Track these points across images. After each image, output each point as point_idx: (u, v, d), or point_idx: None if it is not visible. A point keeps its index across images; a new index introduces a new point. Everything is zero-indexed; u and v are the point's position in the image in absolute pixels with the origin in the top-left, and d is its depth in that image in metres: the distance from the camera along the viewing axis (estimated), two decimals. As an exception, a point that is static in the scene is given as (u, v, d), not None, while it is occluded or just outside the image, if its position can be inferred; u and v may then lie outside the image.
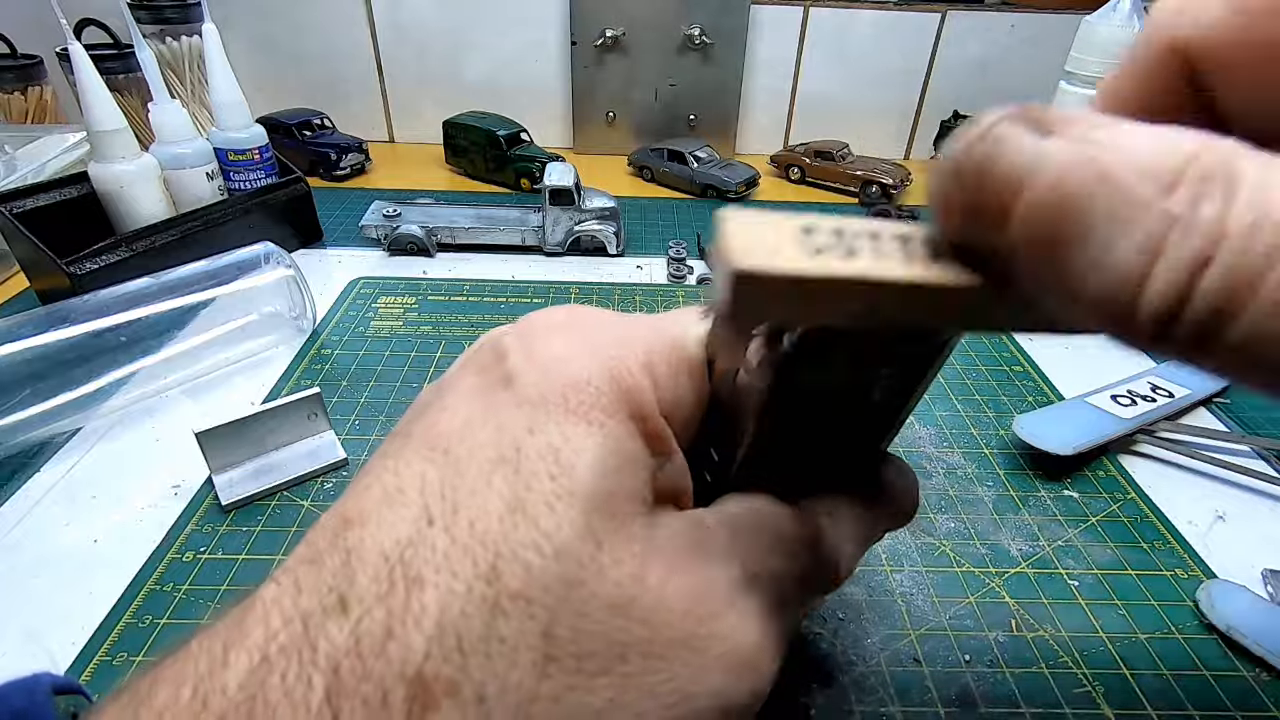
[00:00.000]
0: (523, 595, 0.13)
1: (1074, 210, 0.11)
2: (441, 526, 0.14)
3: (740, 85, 0.81)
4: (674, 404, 0.17)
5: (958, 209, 0.12)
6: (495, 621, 0.13)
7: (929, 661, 0.28)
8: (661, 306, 0.52)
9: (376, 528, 0.14)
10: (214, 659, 0.13)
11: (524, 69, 0.82)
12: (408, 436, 0.16)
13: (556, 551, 0.14)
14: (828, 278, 0.12)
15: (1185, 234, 0.10)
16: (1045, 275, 0.11)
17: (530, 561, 0.14)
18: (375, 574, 0.14)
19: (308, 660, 0.13)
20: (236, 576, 0.31)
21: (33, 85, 0.74)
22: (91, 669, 0.27)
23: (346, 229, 0.63)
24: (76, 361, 0.38)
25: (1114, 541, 0.34)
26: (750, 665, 0.15)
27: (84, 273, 0.45)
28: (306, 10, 0.79)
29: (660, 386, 0.17)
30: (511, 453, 0.15)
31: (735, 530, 0.17)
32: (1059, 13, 0.78)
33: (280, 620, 0.13)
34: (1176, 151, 0.10)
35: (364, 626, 0.13)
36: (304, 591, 0.14)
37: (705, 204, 0.71)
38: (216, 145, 0.56)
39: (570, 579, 0.14)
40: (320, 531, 0.15)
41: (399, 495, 0.15)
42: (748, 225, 0.13)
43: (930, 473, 0.38)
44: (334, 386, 0.43)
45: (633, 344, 0.17)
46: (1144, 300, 0.10)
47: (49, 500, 0.35)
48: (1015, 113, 0.12)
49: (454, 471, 0.15)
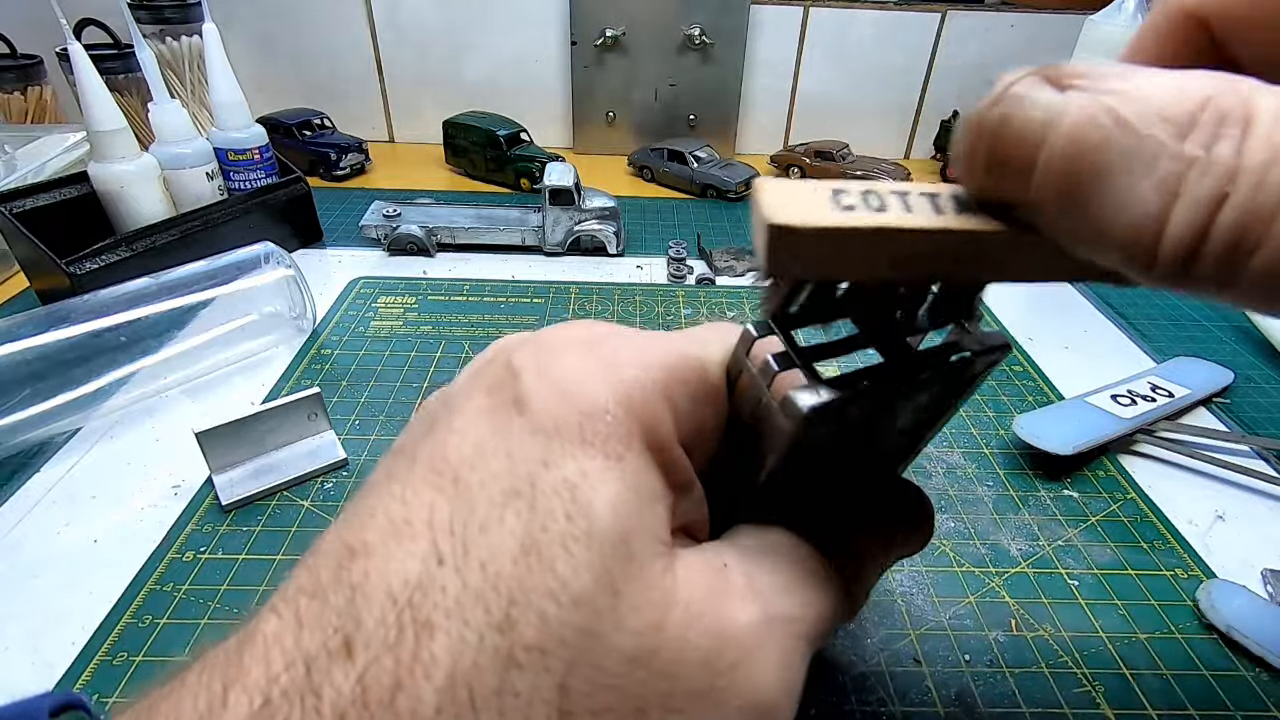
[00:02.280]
0: (538, 647, 0.13)
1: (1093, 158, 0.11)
2: (452, 567, 0.13)
3: (740, 85, 0.81)
4: (693, 430, 0.17)
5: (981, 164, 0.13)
6: (509, 674, 0.12)
7: (929, 661, 0.28)
8: (661, 306, 0.52)
9: (383, 562, 0.14)
10: (213, 697, 0.13)
11: (524, 69, 0.82)
12: (414, 459, 0.16)
13: (574, 600, 0.13)
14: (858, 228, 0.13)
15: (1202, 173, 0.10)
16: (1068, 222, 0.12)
17: (546, 611, 0.13)
18: (382, 616, 0.13)
19: (311, 708, 0.12)
20: (236, 576, 0.31)
21: (33, 85, 0.74)
22: (91, 669, 0.27)
23: (346, 229, 0.63)
24: (76, 361, 0.38)
25: (1114, 541, 0.34)
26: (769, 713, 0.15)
27: (84, 273, 0.45)
28: (306, 10, 0.79)
29: (679, 414, 0.16)
30: (525, 487, 0.14)
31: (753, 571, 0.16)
32: (1059, 13, 0.78)
33: (282, 661, 0.13)
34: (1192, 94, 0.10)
35: (371, 675, 0.12)
36: (305, 628, 0.13)
37: (705, 204, 0.71)
38: (216, 145, 0.56)
39: (588, 629, 0.13)
40: (322, 559, 0.14)
41: (406, 528, 0.14)
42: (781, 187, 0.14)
43: (930, 473, 0.38)
44: (334, 386, 0.43)
45: (651, 368, 0.16)
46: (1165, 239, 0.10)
47: (49, 500, 0.35)
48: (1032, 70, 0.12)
49: (464, 505, 0.14)
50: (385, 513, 0.14)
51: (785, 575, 0.17)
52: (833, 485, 0.20)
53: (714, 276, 0.56)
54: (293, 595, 0.14)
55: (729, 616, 0.15)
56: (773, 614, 0.16)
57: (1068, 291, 0.57)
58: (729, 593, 0.15)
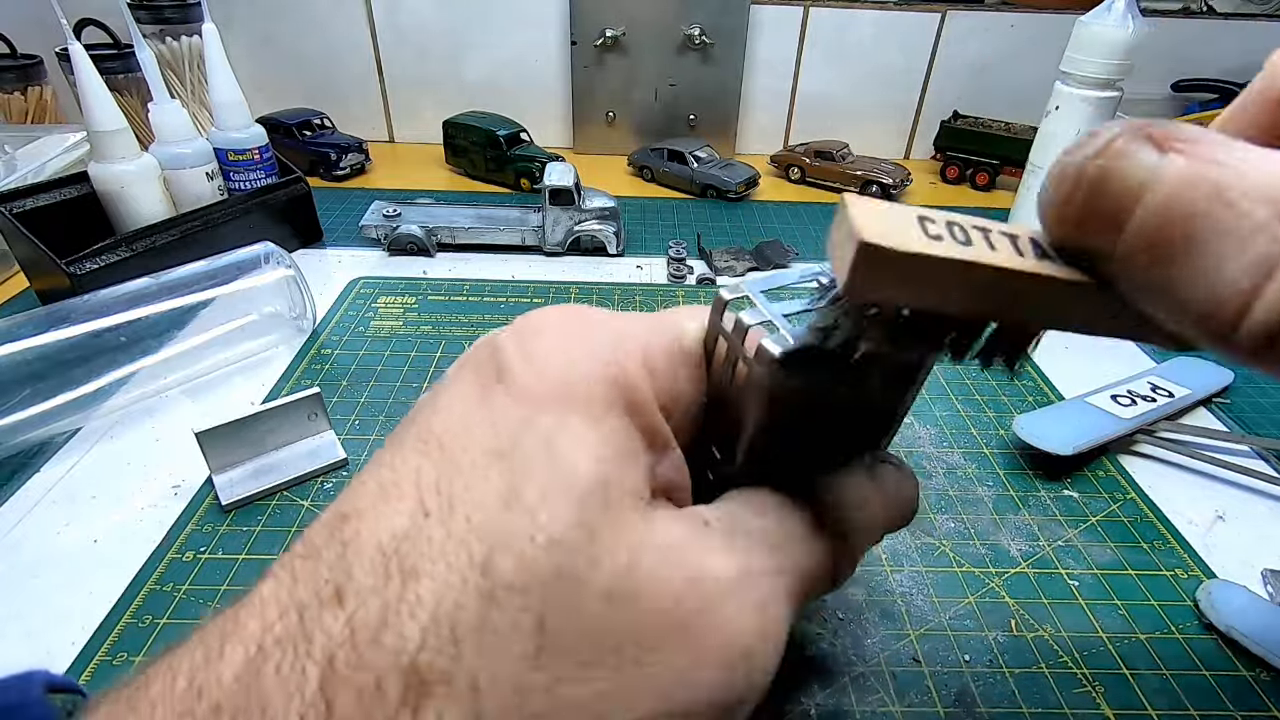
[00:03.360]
0: (516, 586, 0.13)
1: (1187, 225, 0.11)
2: (438, 519, 0.14)
3: (740, 85, 0.81)
4: (672, 398, 0.17)
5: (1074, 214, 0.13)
6: (489, 612, 0.13)
7: (929, 661, 0.28)
8: (661, 306, 0.52)
9: (373, 521, 0.14)
10: (209, 651, 0.13)
11: (524, 69, 0.82)
12: (403, 437, 0.17)
13: (550, 541, 0.14)
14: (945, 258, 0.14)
15: None
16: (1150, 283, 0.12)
17: (524, 552, 0.14)
18: (371, 566, 0.14)
19: (303, 651, 0.13)
20: (236, 576, 0.31)
21: (33, 85, 0.74)
22: (91, 669, 0.27)
23: (346, 229, 0.63)
24: (76, 361, 0.38)
25: (1114, 541, 0.34)
26: (747, 656, 0.15)
27: (84, 273, 0.45)
28: (306, 10, 0.79)
29: (658, 381, 0.17)
30: (507, 446, 0.15)
31: (733, 525, 0.17)
32: (1059, 13, 0.78)
33: (276, 612, 0.13)
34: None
35: (359, 617, 0.13)
36: (300, 583, 0.14)
37: (705, 204, 0.71)
38: (216, 145, 0.56)
39: (564, 569, 0.14)
40: (317, 528, 0.15)
41: (394, 489, 0.15)
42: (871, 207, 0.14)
43: (930, 473, 0.38)
44: (334, 386, 0.43)
45: (629, 339, 0.17)
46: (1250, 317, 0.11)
47: (49, 500, 0.35)
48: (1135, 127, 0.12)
49: (450, 466, 0.15)
50: (375, 480, 0.15)
51: (768, 532, 0.17)
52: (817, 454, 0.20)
53: (714, 276, 0.56)
54: (288, 560, 0.15)
55: (704, 564, 0.16)
56: (753, 566, 0.16)
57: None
58: (707, 545, 0.16)
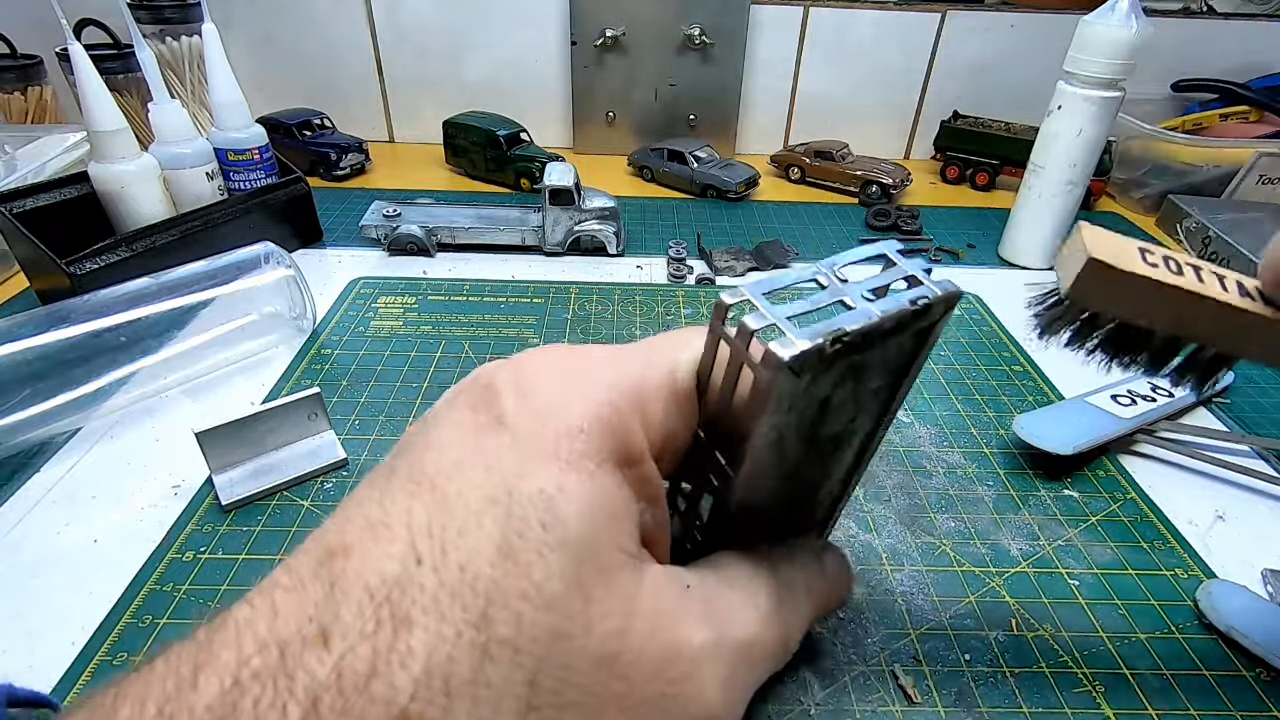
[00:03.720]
0: (511, 644, 0.14)
1: None
2: (430, 566, 0.14)
3: (740, 85, 0.81)
4: (664, 438, 0.18)
5: None
6: (483, 667, 0.13)
7: (929, 661, 0.28)
8: (661, 306, 0.52)
9: (361, 561, 0.14)
10: (182, 680, 0.13)
11: (524, 69, 0.82)
12: (392, 471, 0.16)
13: (548, 603, 0.14)
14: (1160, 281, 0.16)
15: None
16: None
17: (521, 612, 0.14)
18: (360, 610, 0.13)
19: (284, 688, 0.13)
20: (236, 576, 0.31)
21: (33, 85, 0.74)
22: (91, 669, 0.27)
23: (346, 229, 0.63)
24: (76, 361, 0.38)
25: (1114, 541, 0.34)
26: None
27: (84, 273, 0.45)
28: (306, 10, 0.79)
29: (650, 424, 0.17)
30: (503, 496, 0.15)
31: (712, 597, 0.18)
32: (1059, 13, 0.78)
33: (254, 645, 0.13)
34: None
35: (347, 662, 0.13)
36: (281, 617, 0.13)
37: (705, 204, 0.71)
38: (216, 145, 0.56)
39: (559, 631, 0.14)
40: (301, 558, 0.15)
41: (385, 530, 0.15)
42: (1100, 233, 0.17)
43: (930, 473, 0.38)
44: (334, 386, 0.43)
45: (625, 384, 0.17)
46: None
47: (49, 500, 0.35)
48: None
49: (442, 510, 0.15)
50: (364, 517, 0.15)
51: (740, 607, 0.18)
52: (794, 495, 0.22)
53: (714, 276, 0.56)
54: (268, 588, 0.14)
55: (685, 634, 0.16)
56: (723, 639, 0.17)
57: (1068, 291, 0.57)
58: (688, 612, 0.17)
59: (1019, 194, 0.60)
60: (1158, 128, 0.71)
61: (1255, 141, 0.70)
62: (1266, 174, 0.67)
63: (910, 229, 0.66)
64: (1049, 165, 0.56)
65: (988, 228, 0.68)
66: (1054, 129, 0.55)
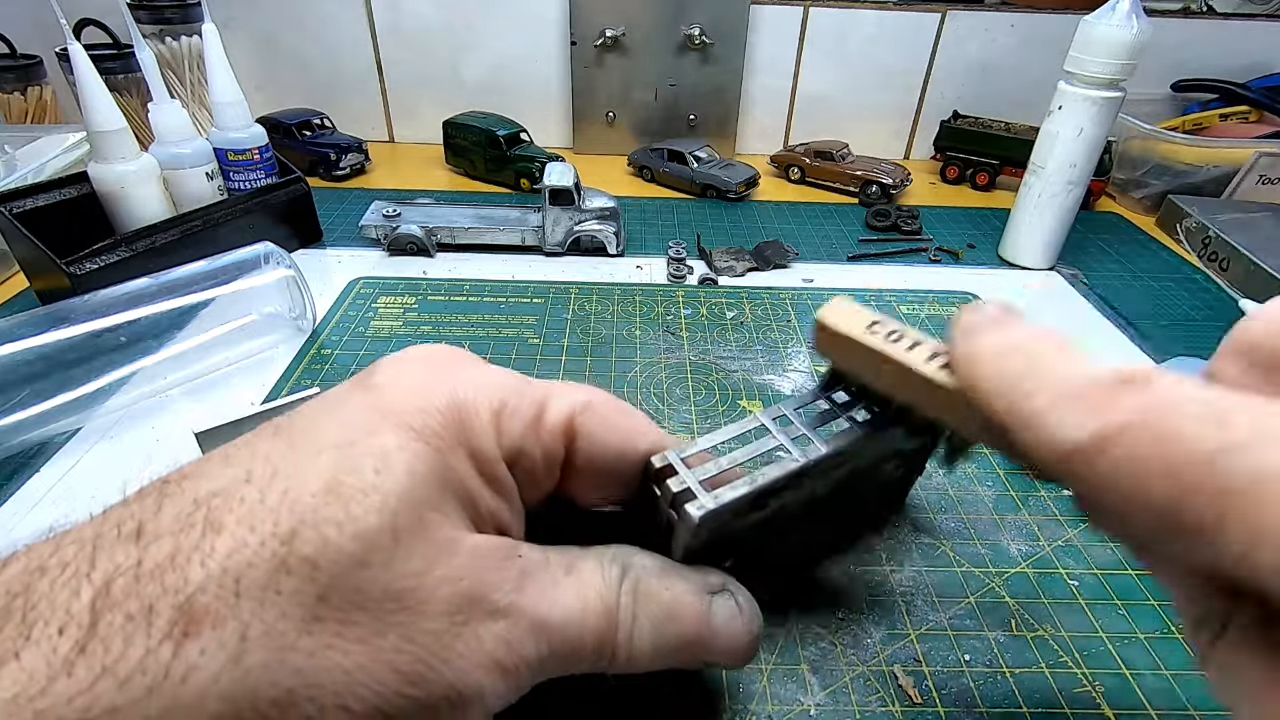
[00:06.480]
0: (311, 560, 0.15)
1: None
2: (257, 486, 0.16)
3: (740, 85, 0.81)
4: (517, 454, 0.19)
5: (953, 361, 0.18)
6: (278, 575, 0.15)
7: (929, 661, 0.28)
8: (661, 306, 0.52)
9: (198, 480, 0.16)
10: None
11: (524, 69, 0.82)
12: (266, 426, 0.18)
13: (356, 534, 0.15)
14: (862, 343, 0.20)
15: None
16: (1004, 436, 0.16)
17: (328, 536, 0.15)
18: (179, 513, 0.15)
19: (83, 573, 0.14)
20: (236, 576, 0.31)
21: (33, 85, 0.74)
22: (91, 669, 0.27)
23: (346, 229, 0.63)
24: (76, 361, 0.38)
25: (1114, 541, 0.34)
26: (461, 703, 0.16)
27: (84, 273, 0.45)
28: (306, 10, 0.79)
29: (504, 435, 0.19)
30: (346, 444, 0.17)
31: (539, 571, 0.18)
32: (1059, 13, 0.78)
33: (72, 539, 0.15)
34: None
35: (149, 553, 0.14)
36: (106, 520, 0.15)
37: (705, 204, 0.71)
38: (216, 145, 0.56)
39: (360, 560, 0.15)
40: (151, 482, 0.16)
41: (230, 459, 0.17)
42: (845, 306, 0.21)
43: (930, 472, 0.38)
44: (334, 386, 0.43)
45: (490, 391, 0.19)
46: None
47: (49, 500, 0.35)
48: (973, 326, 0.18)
49: (287, 446, 0.17)
50: (221, 453, 0.17)
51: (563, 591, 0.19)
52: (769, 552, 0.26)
53: (714, 276, 0.56)
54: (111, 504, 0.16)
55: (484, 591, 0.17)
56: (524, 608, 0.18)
57: (1068, 291, 0.57)
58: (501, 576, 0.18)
59: (1019, 194, 0.60)
60: (1158, 128, 0.71)
61: (1255, 141, 0.70)
62: (1266, 174, 0.67)
63: (910, 229, 0.66)
64: (1049, 165, 0.56)
65: (988, 228, 0.68)
66: (1054, 129, 0.55)
